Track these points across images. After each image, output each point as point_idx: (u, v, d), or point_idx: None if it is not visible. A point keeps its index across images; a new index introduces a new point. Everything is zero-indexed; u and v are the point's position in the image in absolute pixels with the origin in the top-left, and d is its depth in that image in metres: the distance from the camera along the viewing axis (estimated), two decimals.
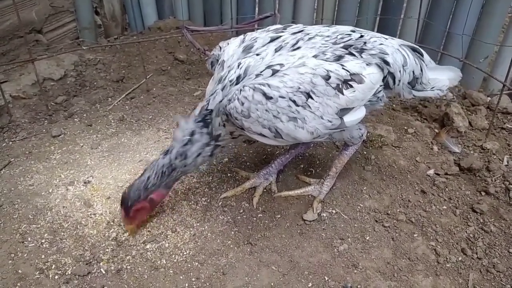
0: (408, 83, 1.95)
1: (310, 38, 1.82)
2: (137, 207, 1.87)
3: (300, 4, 3.27)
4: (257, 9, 3.63)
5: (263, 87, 1.67)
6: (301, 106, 1.69)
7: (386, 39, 1.93)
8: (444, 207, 2.15)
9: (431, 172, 2.33)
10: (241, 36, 1.95)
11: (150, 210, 1.96)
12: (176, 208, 2.09)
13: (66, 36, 3.41)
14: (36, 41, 3.18)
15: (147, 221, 2.01)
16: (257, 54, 1.81)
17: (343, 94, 1.73)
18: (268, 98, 1.66)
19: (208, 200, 2.14)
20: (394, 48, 1.89)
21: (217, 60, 1.96)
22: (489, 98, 2.87)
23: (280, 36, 1.85)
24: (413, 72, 1.94)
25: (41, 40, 3.20)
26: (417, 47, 2.03)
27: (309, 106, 1.70)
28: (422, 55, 2.01)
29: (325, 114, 1.73)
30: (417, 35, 2.81)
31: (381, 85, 1.85)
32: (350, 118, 1.81)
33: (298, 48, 1.79)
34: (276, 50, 1.80)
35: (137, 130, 2.61)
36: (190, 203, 2.12)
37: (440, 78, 2.05)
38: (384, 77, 1.86)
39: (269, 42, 1.84)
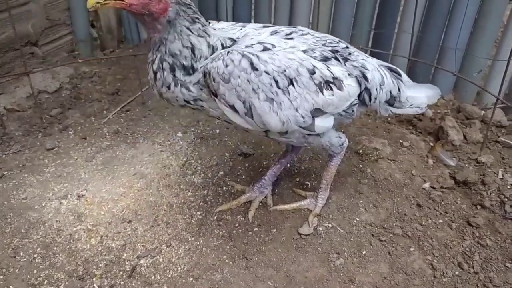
0: (386, 101, 2.00)
1: (303, 34, 1.87)
2: None
3: (295, 13, 3.28)
4: (252, 13, 3.64)
5: (252, 56, 1.65)
6: (281, 89, 1.69)
7: (368, 57, 1.98)
8: (440, 220, 2.15)
9: (426, 185, 2.34)
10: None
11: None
12: (170, 222, 2.07)
13: (62, 49, 3.41)
14: (31, 53, 3.17)
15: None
16: (255, 29, 1.83)
17: (322, 93, 1.76)
18: (254, 68, 1.64)
19: (203, 214, 2.12)
20: (374, 66, 1.94)
21: None
22: (483, 112, 2.88)
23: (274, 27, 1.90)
24: (390, 92, 1.99)
25: (37, 53, 3.20)
26: (395, 67, 2.09)
27: (289, 93, 1.70)
28: (400, 75, 2.07)
29: (301, 107, 1.74)
30: (411, 49, 2.83)
31: (356, 99, 1.89)
32: (320, 123, 1.82)
33: (291, 38, 1.82)
34: (272, 34, 1.83)
35: (132, 143, 2.60)
36: (185, 217, 2.10)
37: (419, 96, 2.10)
38: (361, 93, 1.89)
39: (263, 27, 1.87)
